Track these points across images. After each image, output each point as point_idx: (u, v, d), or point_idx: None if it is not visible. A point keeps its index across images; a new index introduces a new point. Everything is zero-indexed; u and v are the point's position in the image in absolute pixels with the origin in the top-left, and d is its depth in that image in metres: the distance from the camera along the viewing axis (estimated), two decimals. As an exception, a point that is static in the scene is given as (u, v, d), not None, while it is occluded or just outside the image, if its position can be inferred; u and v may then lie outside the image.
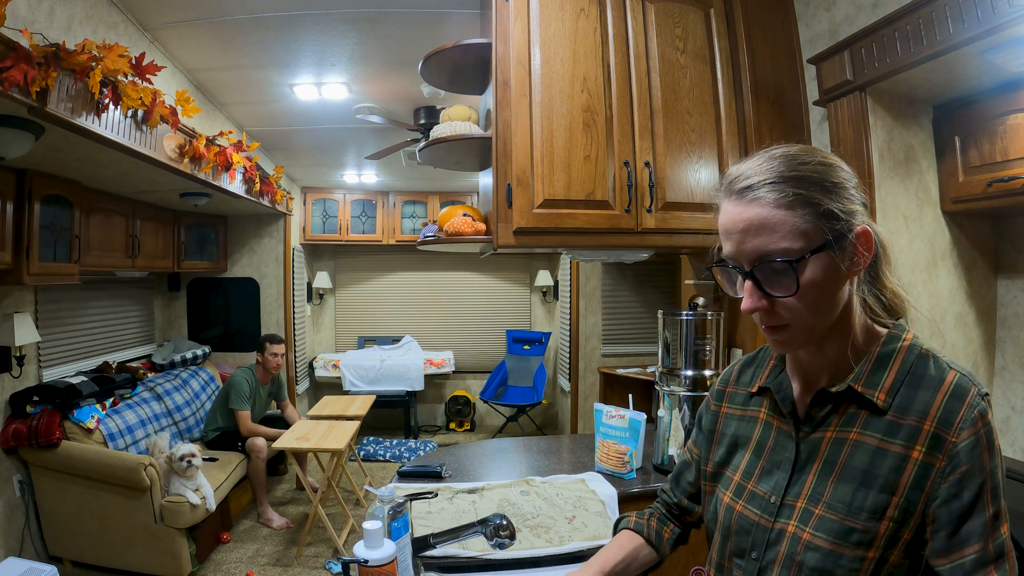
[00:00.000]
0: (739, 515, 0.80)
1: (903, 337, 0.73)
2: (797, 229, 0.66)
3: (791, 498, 0.74)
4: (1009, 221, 1.85)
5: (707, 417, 0.94)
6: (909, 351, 0.72)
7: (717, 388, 0.94)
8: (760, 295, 0.69)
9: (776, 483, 0.76)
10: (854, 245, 0.69)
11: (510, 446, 2.05)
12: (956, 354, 1.79)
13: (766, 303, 0.69)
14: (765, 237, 0.67)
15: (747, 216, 0.69)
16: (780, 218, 0.67)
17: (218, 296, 4.79)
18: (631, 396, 1.80)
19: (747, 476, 0.81)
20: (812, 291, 0.67)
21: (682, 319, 1.70)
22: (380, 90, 3.20)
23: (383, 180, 5.29)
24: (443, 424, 5.90)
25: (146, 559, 2.84)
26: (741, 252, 0.70)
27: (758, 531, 0.76)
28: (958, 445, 0.65)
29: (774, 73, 1.91)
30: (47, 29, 1.89)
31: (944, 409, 0.66)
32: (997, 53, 1.35)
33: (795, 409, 0.78)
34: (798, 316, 0.69)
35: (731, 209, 0.71)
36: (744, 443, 0.84)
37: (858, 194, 0.72)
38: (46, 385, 2.90)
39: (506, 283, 6.10)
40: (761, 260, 0.68)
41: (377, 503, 1.08)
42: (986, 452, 0.65)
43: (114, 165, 2.54)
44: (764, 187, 0.68)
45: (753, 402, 0.86)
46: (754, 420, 0.84)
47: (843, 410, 0.73)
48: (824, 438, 0.73)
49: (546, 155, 1.69)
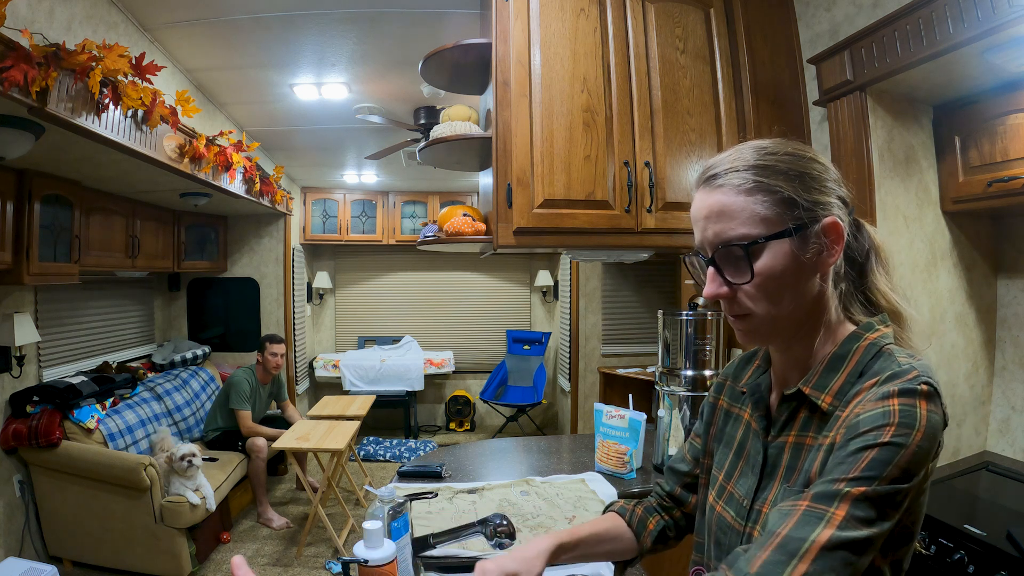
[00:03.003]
0: (718, 516, 0.79)
1: (865, 335, 0.70)
2: (756, 215, 0.66)
3: (760, 503, 0.73)
4: (1009, 221, 1.85)
5: (707, 409, 0.93)
6: (867, 350, 0.68)
7: (719, 380, 0.93)
8: (720, 281, 0.69)
9: (748, 487, 0.75)
10: (819, 236, 0.67)
11: (510, 446, 2.05)
12: (956, 354, 1.79)
13: (726, 290, 0.69)
14: (724, 223, 0.68)
15: (709, 203, 0.69)
16: (740, 204, 0.67)
17: (218, 296, 4.79)
18: (631, 396, 1.81)
19: (728, 476, 0.81)
20: (770, 279, 0.67)
21: (682, 319, 1.70)
22: (380, 90, 3.20)
23: (383, 180, 5.29)
24: (443, 424, 5.90)
25: (146, 559, 2.84)
26: (704, 239, 0.70)
27: (733, 534, 0.75)
28: (861, 415, 0.60)
29: (774, 73, 1.91)
30: (47, 29, 1.89)
31: (868, 391, 0.63)
32: (997, 53, 1.35)
33: (768, 412, 0.77)
34: (758, 305, 0.68)
35: (698, 198, 0.72)
36: (729, 441, 0.84)
37: (836, 187, 0.70)
38: (46, 385, 2.90)
39: (506, 283, 6.10)
40: (721, 246, 0.68)
41: (377, 503, 1.08)
42: (892, 428, 0.57)
43: (114, 165, 2.54)
44: (728, 174, 0.69)
45: (741, 400, 0.85)
46: (739, 419, 0.84)
47: (800, 414, 0.71)
48: (787, 443, 0.72)
49: (546, 155, 1.69)
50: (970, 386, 1.82)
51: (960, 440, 1.80)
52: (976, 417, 1.84)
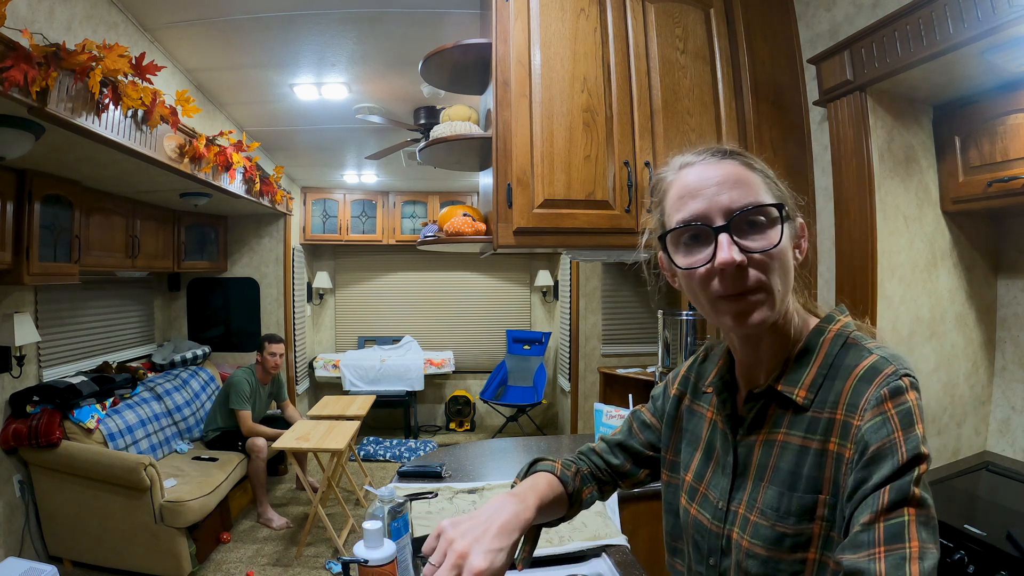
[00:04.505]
0: (694, 519, 0.78)
1: (829, 328, 0.70)
2: (768, 191, 0.69)
3: (735, 504, 0.72)
4: (1009, 221, 1.85)
5: (672, 403, 0.89)
6: (833, 342, 0.69)
7: (684, 374, 0.90)
8: (736, 248, 0.64)
9: (722, 488, 0.74)
10: (797, 230, 0.71)
11: (510, 446, 2.05)
12: (956, 354, 1.79)
13: (743, 257, 0.64)
14: (744, 189, 0.66)
15: (723, 172, 0.68)
16: (755, 179, 0.68)
17: (218, 296, 4.79)
18: (631, 396, 1.81)
19: (698, 478, 0.79)
20: (785, 252, 0.66)
21: (682, 319, 1.70)
22: (380, 90, 3.20)
23: (383, 180, 5.29)
24: (443, 424, 5.89)
25: (146, 559, 2.84)
26: (714, 205, 0.66)
27: (712, 538, 0.74)
28: (862, 428, 0.60)
29: (774, 73, 1.91)
30: (47, 29, 1.89)
31: (852, 393, 0.63)
32: (997, 53, 1.35)
33: (734, 411, 0.76)
34: (773, 277, 0.65)
35: (699, 170, 0.69)
36: (693, 440, 0.83)
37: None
38: (46, 385, 2.90)
39: (506, 283, 6.10)
40: (747, 207, 0.65)
41: (377, 503, 1.08)
42: (898, 432, 0.58)
43: (114, 165, 2.54)
44: (734, 155, 0.70)
45: (704, 399, 0.84)
46: (702, 418, 0.83)
47: (771, 411, 0.71)
48: (757, 441, 0.71)
49: (546, 155, 1.69)
50: (970, 386, 1.82)
51: (960, 440, 1.80)
52: (976, 417, 1.84)
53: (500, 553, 0.66)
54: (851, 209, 1.70)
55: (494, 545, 0.66)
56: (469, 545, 0.65)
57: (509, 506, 0.72)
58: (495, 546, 0.66)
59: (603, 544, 1.33)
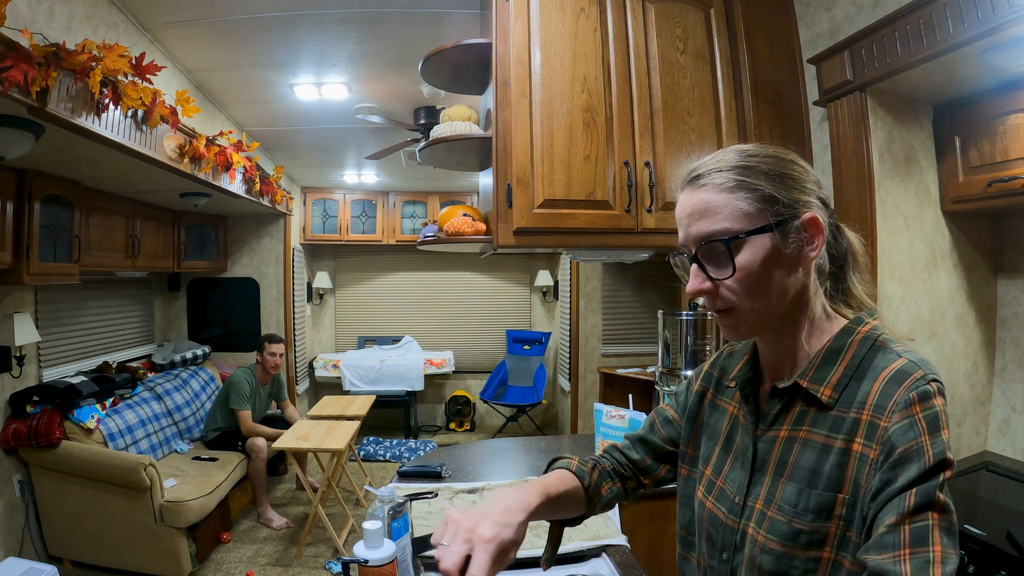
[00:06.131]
0: (709, 513, 0.79)
1: (858, 329, 0.71)
2: (738, 212, 0.69)
3: (752, 499, 0.73)
4: (1009, 221, 1.85)
5: (695, 399, 0.90)
6: (862, 344, 0.69)
7: (707, 371, 0.92)
8: (703, 277, 0.70)
9: (739, 483, 0.75)
10: (800, 231, 0.69)
11: (510, 446, 2.05)
12: (956, 354, 1.79)
13: (709, 285, 0.70)
14: (708, 220, 0.70)
15: (693, 202, 0.72)
16: (722, 201, 0.69)
17: (218, 296, 4.79)
18: (631, 396, 1.80)
19: (717, 472, 0.80)
20: (751, 274, 0.68)
21: (682, 319, 1.70)
22: (380, 90, 3.20)
23: (383, 180, 5.29)
24: (443, 424, 5.89)
25: (146, 559, 2.84)
26: (688, 236, 0.72)
27: (726, 532, 0.75)
28: (889, 430, 0.61)
29: (774, 73, 1.91)
30: (47, 29, 1.89)
31: (880, 395, 0.64)
32: (997, 53, 1.35)
33: (757, 406, 0.77)
34: (741, 299, 0.69)
35: (682, 198, 0.74)
36: (714, 434, 0.84)
37: (815, 189, 0.73)
38: (46, 385, 2.90)
39: (506, 283, 6.10)
40: (704, 241, 0.70)
41: (377, 503, 1.08)
42: (925, 436, 0.60)
43: (114, 165, 2.54)
44: (711, 174, 0.71)
45: (727, 393, 0.85)
46: (724, 412, 0.83)
47: (794, 407, 0.71)
48: (778, 437, 0.72)
49: (546, 155, 1.69)
50: (970, 386, 1.82)
51: (960, 440, 1.80)
52: (976, 417, 1.84)
53: (507, 527, 0.71)
54: (851, 209, 1.70)
55: (500, 519, 0.71)
56: (477, 521, 0.70)
57: (513, 493, 0.77)
58: (501, 520, 0.71)
59: (603, 544, 1.33)
